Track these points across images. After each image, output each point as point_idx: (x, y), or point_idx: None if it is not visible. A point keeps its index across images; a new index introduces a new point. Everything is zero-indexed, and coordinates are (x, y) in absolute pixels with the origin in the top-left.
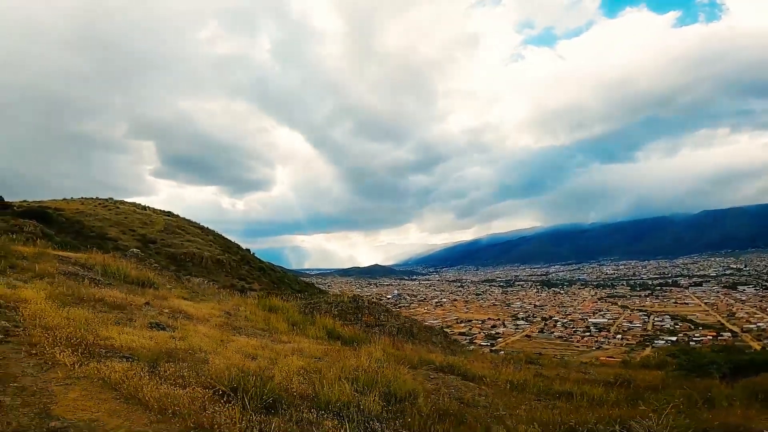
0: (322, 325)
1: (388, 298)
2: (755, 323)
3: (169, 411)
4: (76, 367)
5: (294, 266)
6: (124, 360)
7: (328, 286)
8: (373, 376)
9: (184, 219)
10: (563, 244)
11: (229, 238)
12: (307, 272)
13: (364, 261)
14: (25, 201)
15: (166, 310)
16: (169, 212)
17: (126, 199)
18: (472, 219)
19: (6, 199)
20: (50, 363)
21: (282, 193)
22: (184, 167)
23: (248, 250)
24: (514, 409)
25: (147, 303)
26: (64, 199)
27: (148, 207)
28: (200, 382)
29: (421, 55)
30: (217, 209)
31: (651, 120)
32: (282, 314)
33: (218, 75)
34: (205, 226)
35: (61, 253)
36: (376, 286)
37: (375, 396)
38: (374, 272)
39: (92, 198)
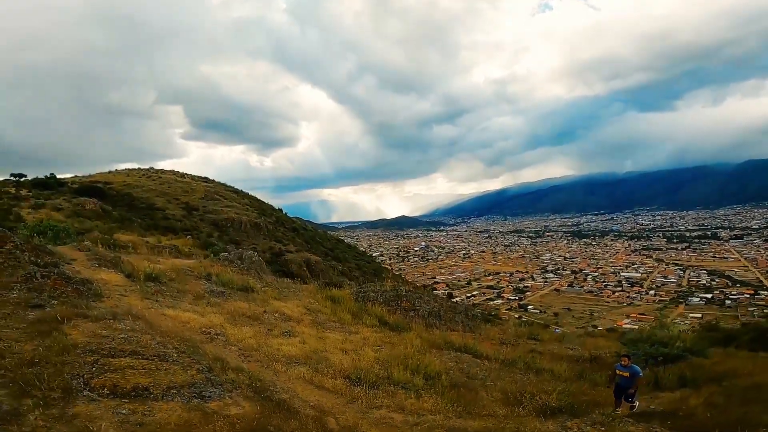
0: (374, 314)
1: (416, 250)
2: None
3: (339, 393)
4: (288, 370)
5: (321, 220)
6: (298, 364)
7: (356, 239)
8: (417, 363)
9: (220, 184)
10: (597, 193)
11: (262, 199)
12: (335, 226)
13: (391, 213)
14: (75, 176)
15: (276, 314)
16: (206, 178)
17: (158, 163)
18: (501, 168)
19: (54, 173)
20: (274, 370)
21: (308, 149)
22: (212, 129)
23: (280, 210)
24: (499, 380)
25: (265, 311)
26: (110, 172)
27: (187, 174)
28: (340, 374)
29: (442, 7)
30: (246, 167)
31: (694, 71)
32: (343, 305)
33: (236, 39)
34: (239, 189)
35: (177, 261)
36: (404, 238)
37: (420, 377)
38: (401, 224)
39: (136, 169)
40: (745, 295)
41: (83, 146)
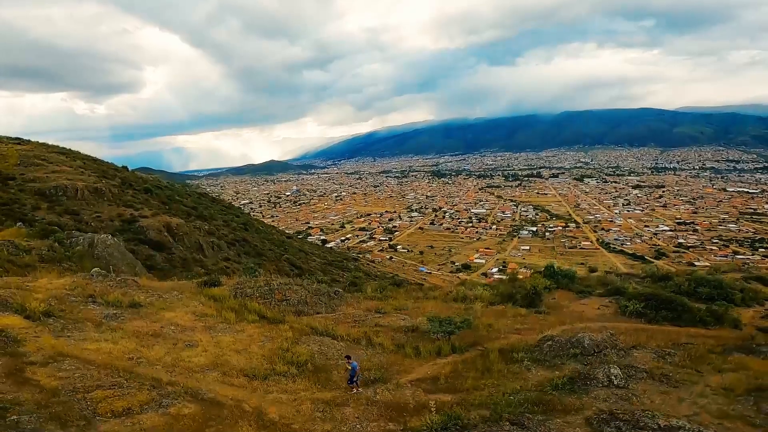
0: (253, 309)
1: (288, 195)
2: (593, 215)
3: (243, 387)
4: (205, 377)
5: (178, 169)
6: (209, 371)
7: (221, 187)
8: (291, 355)
9: (41, 145)
10: (452, 136)
11: (99, 151)
12: (195, 174)
13: (259, 158)
14: None
15: (172, 327)
16: (20, 139)
17: None
18: (370, 112)
19: None
20: (195, 378)
21: (156, 94)
22: (16, 76)
23: (126, 168)
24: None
25: (162, 327)
26: None
27: None
28: (241, 373)
29: None
30: (70, 116)
31: (534, 30)
32: (224, 303)
33: None
34: (69, 149)
35: (49, 284)
36: (274, 183)
37: (294, 367)
38: (270, 168)
39: None
40: (559, 227)
41: None
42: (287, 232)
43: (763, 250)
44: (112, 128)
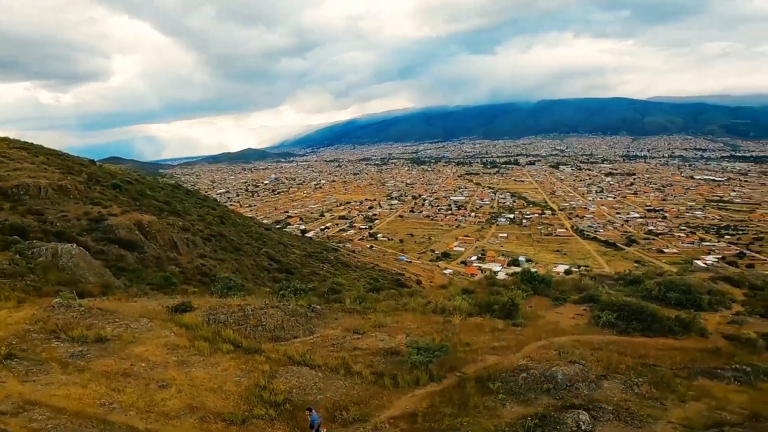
0: (228, 338)
1: (266, 183)
2: (568, 202)
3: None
4: (181, 423)
5: (149, 158)
6: (185, 416)
7: (196, 176)
8: (269, 395)
9: (1, 140)
10: (432, 124)
11: (65, 141)
12: (168, 162)
13: (236, 146)
14: None
15: (142, 364)
16: None
17: None
18: (350, 99)
19: None
20: (172, 425)
21: (126, 83)
22: None
23: (93, 163)
24: (326, 393)
25: (132, 364)
26: None
27: None
28: (219, 418)
29: None
30: (34, 106)
31: (514, 20)
32: (196, 331)
33: None
34: (32, 143)
35: (8, 317)
36: (251, 171)
37: (271, 409)
38: (247, 156)
39: None
40: (535, 215)
41: None
42: (265, 223)
43: (729, 237)
44: (80, 117)
